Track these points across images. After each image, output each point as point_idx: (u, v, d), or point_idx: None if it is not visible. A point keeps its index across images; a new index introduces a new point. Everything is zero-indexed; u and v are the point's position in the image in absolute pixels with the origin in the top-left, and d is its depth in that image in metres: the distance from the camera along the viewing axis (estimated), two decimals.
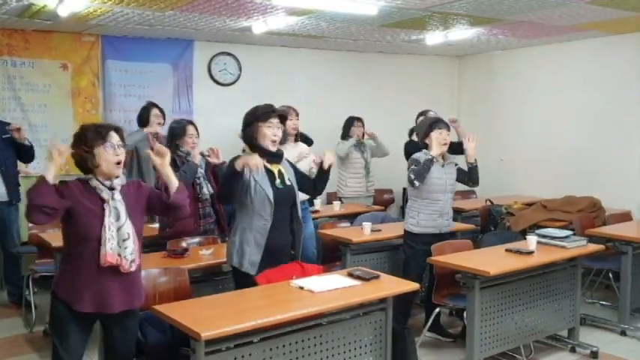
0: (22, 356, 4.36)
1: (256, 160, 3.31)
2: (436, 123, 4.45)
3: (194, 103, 6.78)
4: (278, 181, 3.51)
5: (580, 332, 4.52)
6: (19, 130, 5.14)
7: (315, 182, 3.75)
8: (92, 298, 2.73)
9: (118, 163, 2.77)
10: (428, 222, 4.41)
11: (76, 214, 2.71)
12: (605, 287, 5.70)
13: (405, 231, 4.54)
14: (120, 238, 2.73)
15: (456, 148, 4.97)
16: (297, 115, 5.10)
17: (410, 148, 5.56)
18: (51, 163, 2.69)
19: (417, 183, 4.30)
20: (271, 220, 3.43)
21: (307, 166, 4.69)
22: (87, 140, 2.74)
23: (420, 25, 5.77)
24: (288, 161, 3.73)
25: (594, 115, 6.71)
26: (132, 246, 2.76)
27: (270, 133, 3.48)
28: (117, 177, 2.79)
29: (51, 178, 2.64)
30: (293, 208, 3.59)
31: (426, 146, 4.44)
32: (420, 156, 4.41)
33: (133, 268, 2.80)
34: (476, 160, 4.50)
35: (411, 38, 6.57)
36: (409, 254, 4.51)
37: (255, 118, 3.49)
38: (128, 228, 2.76)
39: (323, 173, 3.68)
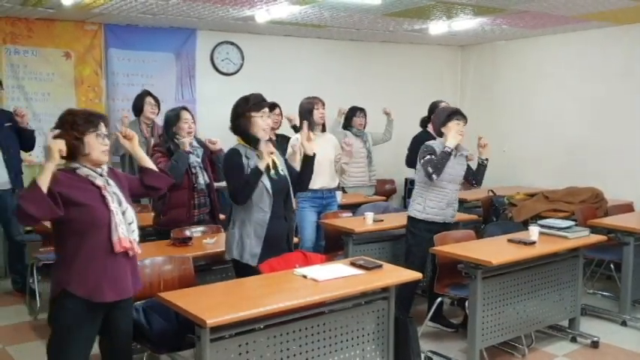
0: (27, 343, 4.38)
1: (269, 149, 3.45)
2: (455, 114, 4.39)
3: (197, 92, 6.78)
4: (272, 172, 3.49)
5: (581, 322, 4.54)
6: (23, 116, 5.15)
7: (300, 173, 3.65)
8: (110, 286, 2.71)
9: (105, 152, 2.78)
10: (435, 210, 4.36)
11: (78, 206, 2.62)
12: (606, 278, 5.73)
13: (410, 217, 4.47)
14: (126, 222, 2.74)
15: None
16: (324, 105, 5.11)
17: (424, 141, 5.39)
18: (50, 164, 2.58)
19: (434, 177, 4.22)
20: (270, 212, 3.43)
21: (333, 154, 5.07)
22: (78, 127, 2.69)
23: (424, 14, 5.75)
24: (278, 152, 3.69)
25: (597, 106, 6.70)
26: (137, 229, 2.80)
27: (263, 123, 3.46)
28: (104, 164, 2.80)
29: (45, 183, 2.52)
30: (287, 197, 3.57)
31: (441, 135, 4.40)
32: (435, 144, 4.36)
33: (140, 251, 2.84)
34: (487, 159, 4.48)
35: (414, 28, 6.55)
36: (412, 242, 4.47)
37: (248, 108, 3.45)
38: (131, 211, 2.78)
39: (307, 162, 3.62)
